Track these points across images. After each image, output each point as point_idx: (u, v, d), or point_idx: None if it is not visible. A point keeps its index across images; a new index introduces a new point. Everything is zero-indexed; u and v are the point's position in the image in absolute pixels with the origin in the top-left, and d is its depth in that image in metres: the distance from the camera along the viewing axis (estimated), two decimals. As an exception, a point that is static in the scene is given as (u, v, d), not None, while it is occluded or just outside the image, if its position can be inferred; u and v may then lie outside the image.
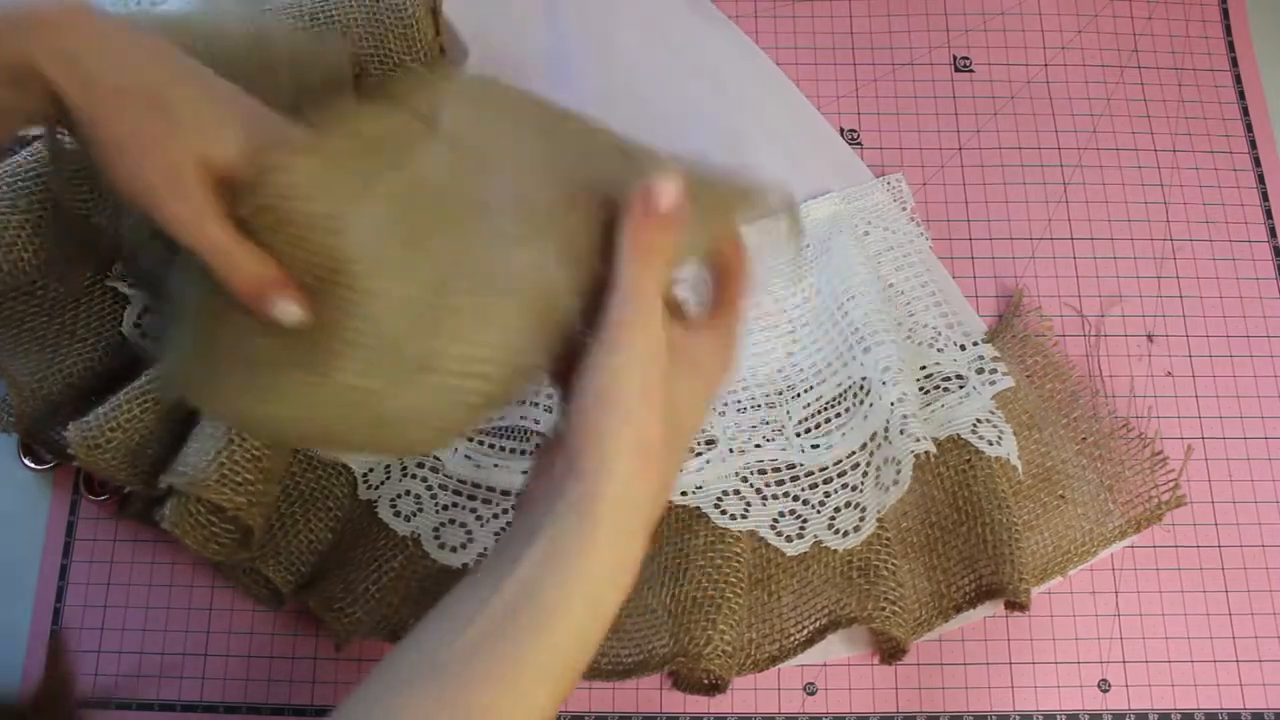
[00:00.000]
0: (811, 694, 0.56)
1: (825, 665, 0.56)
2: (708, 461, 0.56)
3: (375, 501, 0.56)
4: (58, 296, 0.57)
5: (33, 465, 0.58)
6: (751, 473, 0.56)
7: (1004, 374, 0.59)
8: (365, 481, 0.56)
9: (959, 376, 0.58)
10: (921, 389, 0.58)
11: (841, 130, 0.66)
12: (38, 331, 0.56)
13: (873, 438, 0.56)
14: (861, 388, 0.57)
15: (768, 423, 0.58)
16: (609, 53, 0.66)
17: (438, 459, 0.56)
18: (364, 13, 0.61)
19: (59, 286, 0.57)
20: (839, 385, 0.58)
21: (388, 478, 0.56)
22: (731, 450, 0.56)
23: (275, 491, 0.53)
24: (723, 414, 0.57)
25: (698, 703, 0.55)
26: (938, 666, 0.56)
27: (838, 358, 0.58)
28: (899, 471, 0.55)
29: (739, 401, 0.58)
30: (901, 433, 0.55)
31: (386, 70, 0.60)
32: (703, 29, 0.67)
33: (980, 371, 0.59)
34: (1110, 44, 0.69)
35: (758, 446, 0.57)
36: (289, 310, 0.40)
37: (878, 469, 0.56)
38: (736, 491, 0.56)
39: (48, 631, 0.57)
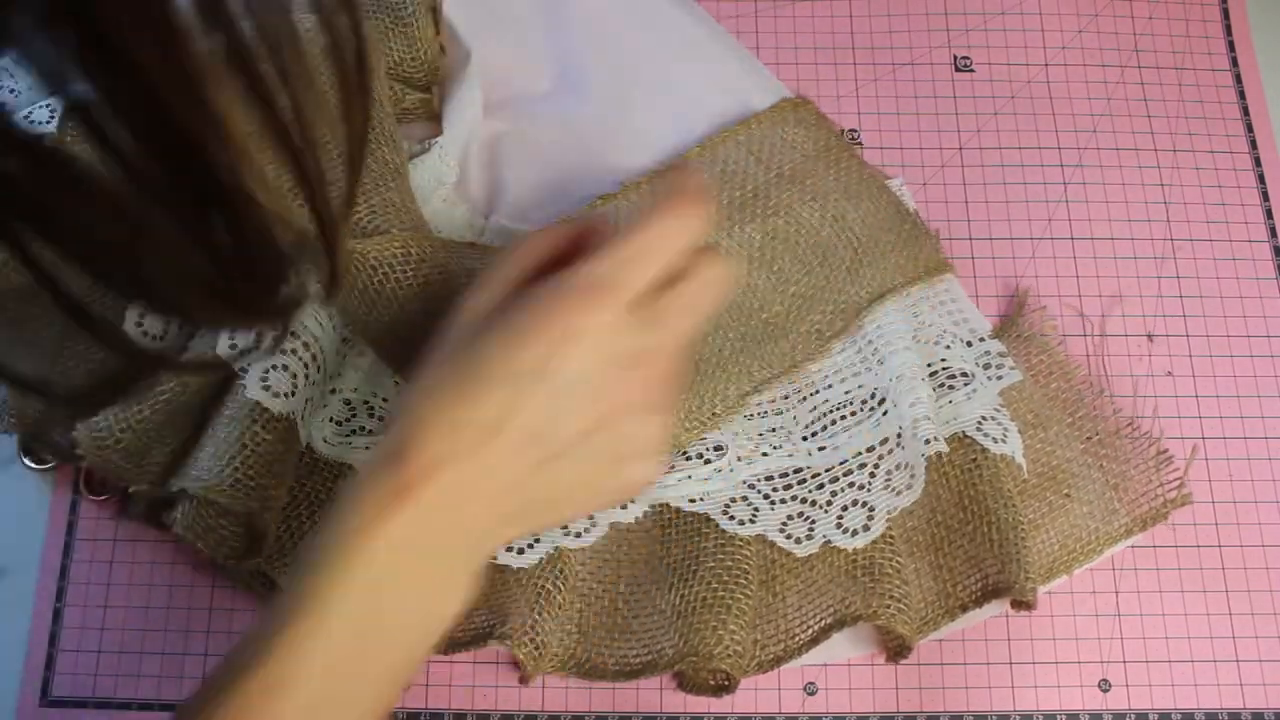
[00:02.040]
0: (812, 694, 0.56)
1: (826, 665, 0.56)
2: (717, 470, 0.56)
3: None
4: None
5: (33, 465, 0.58)
6: (759, 479, 0.56)
7: (1011, 368, 0.59)
8: (369, 482, 0.56)
9: (964, 374, 0.58)
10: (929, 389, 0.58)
11: (842, 130, 0.66)
12: (40, 332, 0.56)
13: (883, 442, 0.56)
14: (873, 395, 0.57)
15: (774, 430, 0.58)
16: (612, 51, 0.66)
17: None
18: (363, 11, 0.61)
19: (60, 287, 0.57)
20: (846, 391, 0.58)
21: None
22: (740, 458, 0.56)
23: (285, 495, 0.54)
24: (730, 420, 0.57)
25: (698, 703, 0.55)
26: (938, 666, 0.56)
27: (848, 365, 0.58)
28: (913, 477, 0.55)
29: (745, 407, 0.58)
30: (914, 437, 0.55)
31: (386, 69, 0.61)
32: (694, 20, 0.68)
33: (987, 367, 0.59)
34: (1110, 44, 0.69)
35: (765, 455, 0.57)
36: None
37: (888, 473, 0.56)
38: (744, 498, 0.56)
39: (48, 632, 0.57)
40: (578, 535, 0.55)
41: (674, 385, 0.42)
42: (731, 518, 0.55)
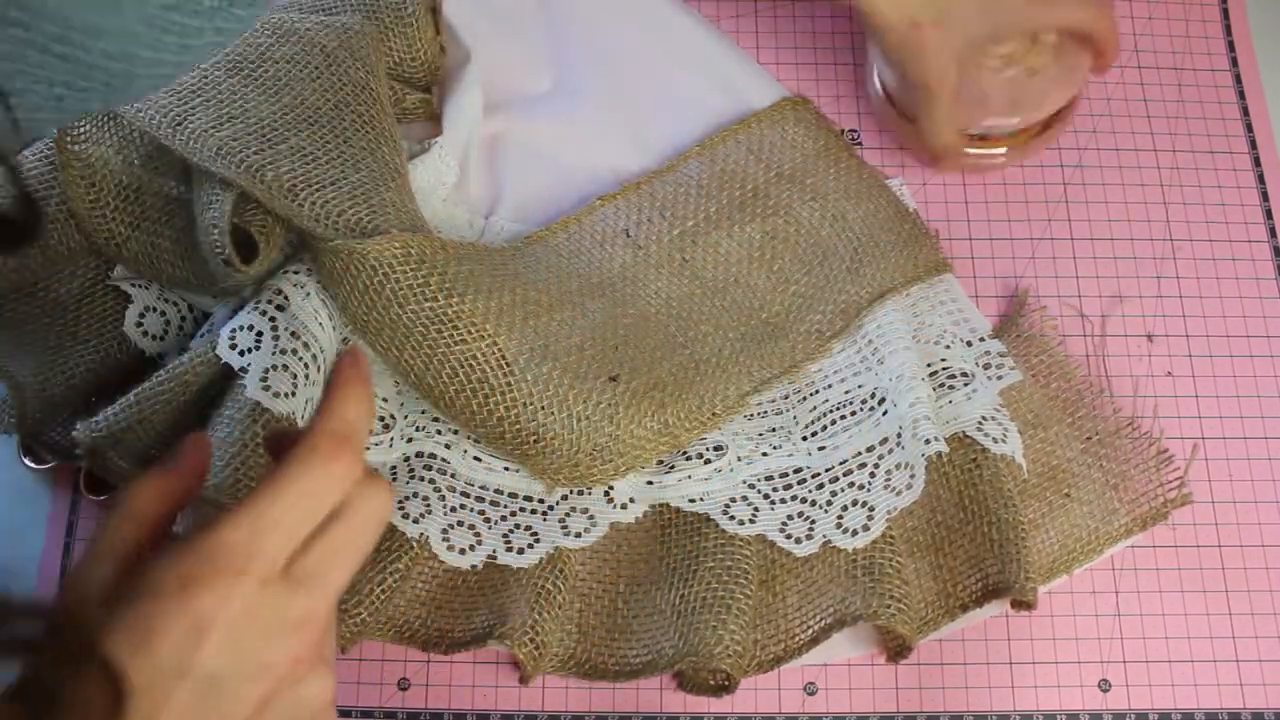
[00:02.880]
0: (812, 694, 0.56)
1: (826, 665, 0.56)
2: (717, 470, 0.56)
3: (382, 504, 0.55)
4: (59, 297, 0.57)
5: (33, 465, 0.58)
6: (759, 479, 0.56)
7: (1011, 368, 0.59)
8: (370, 482, 0.56)
9: (964, 374, 0.58)
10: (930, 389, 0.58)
11: (842, 130, 0.66)
12: (39, 332, 0.56)
13: (883, 442, 0.56)
14: (873, 395, 0.57)
15: (774, 430, 0.58)
16: (612, 51, 0.66)
17: (446, 461, 0.56)
18: (363, 12, 0.61)
19: (60, 287, 0.57)
20: (846, 391, 0.58)
21: (394, 479, 0.56)
22: (740, 458, 0.56)
23: None
24: (730, 420, 0.57)
25: (698, 703, 0.55)
26: (938, 666, 0.56)
27: (848, 365, 0.58)
28: (913, 476, 0.55)
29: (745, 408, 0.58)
30: (914, 437, 0.55)
31: (386, 69, 0.61)
32: (693, 21, 0.67)
33: (987, 367, 0.59)
34: (1110, 44, 0.69)
35: (765, 455, 0.57)
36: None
37: (888, 472, 0.56)
38: (744, 498, 0.56)
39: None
40: (578, 535, 0.55)
41: (333, 632, 0.37)
42: (731, 518, 0.55)
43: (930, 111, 0.59)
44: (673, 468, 0.56)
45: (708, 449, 0.56)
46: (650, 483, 0.56)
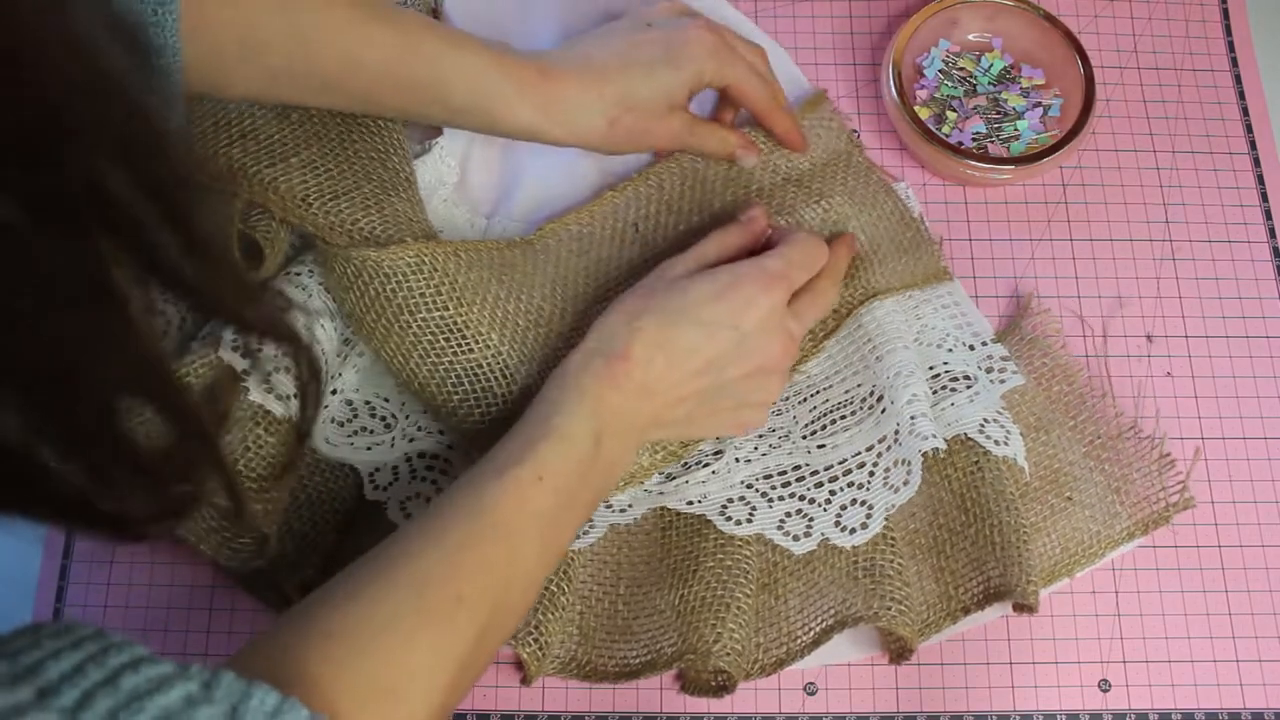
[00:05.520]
0: (812, 694, 0.56)
1: (826, 666, 0.56)
2: (714, 473, 0.56)
3: (385, 503, 0.55)
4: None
5: (33, 465, 0.58)
6: (757, 478, 0.56)
7: (1014, 372, 0.59)
8: (372, 482, 0.56)
9: (967, 377, 0.58)
10: (929, 390, 0.58)
11: (842, 130, 0.66)
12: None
13: (881, 440, 0.56)
14: (872, 393, 0.57)
15: (774, 430, 0.58)
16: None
17: (448, 462, 0.56)
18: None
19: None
20: (846, 391, 0.58)
21: (395, 479, 0.56)
22: (738, 460, 0.56)
23: (287, 497, 0.53)
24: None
25: (698, 703, 0.55)
26: (938, 666, 0.56)
27: (847, 364, 0.58)
28: (909, 472, 0.55)
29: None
30: (911, 433, 0.55)
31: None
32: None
33: (990, 370, 0.59)
34: (1110, 44, 0.69)
35: (764, 455, 0.57)
36: (750, 158, 0.62)
37: (886, 470, 0.56)
38: (742, 498, 0.56)
39: (48, 632, 0.56)
40: (577, 537, 0.55)
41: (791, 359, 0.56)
42: (729, 518, 0.55)
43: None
44: (672, 477, 0.56)
45: (705, 455, 0.56)
46: (649, 491, 0.56)
